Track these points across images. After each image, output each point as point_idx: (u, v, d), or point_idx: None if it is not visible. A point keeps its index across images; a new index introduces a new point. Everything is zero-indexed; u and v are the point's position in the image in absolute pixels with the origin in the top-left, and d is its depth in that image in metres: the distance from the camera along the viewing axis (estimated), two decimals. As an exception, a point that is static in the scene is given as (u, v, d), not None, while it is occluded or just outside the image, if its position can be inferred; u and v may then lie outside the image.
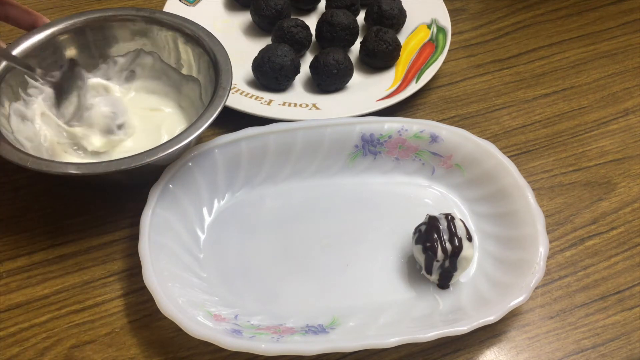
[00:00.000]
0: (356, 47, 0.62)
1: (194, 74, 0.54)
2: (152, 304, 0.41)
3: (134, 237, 0.45)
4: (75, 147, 0.50)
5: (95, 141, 0.50)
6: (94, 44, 0.54)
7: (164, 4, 0.64)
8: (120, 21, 0.53)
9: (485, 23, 0.69)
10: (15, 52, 0.49)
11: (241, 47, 0.62)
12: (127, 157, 0.43)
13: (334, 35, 0.60)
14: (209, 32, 0.52)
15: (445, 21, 0.64)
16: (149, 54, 0.54)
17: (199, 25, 0.53)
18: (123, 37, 0.54)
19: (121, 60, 0.55)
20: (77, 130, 0.50)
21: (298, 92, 0.59)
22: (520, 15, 0.70)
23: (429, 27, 0.64)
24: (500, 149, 0.50)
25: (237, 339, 0.39)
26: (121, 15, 0.53)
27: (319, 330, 0.42)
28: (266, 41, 0.62)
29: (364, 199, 0.51)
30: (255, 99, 0.57)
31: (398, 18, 0.62)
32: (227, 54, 0.51)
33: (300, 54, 0.61)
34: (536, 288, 0.44)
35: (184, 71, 0.54)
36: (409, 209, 0.50)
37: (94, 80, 0.53)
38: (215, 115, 0.46)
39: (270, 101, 0.57)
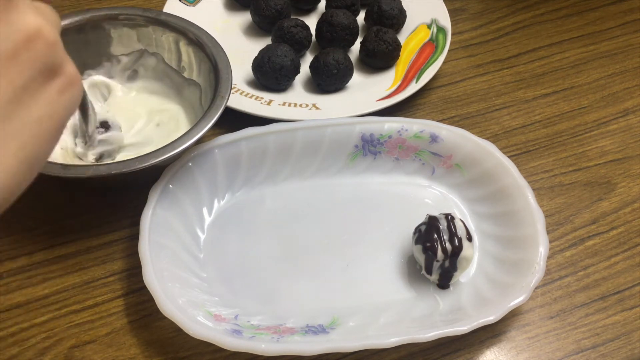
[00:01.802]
0: (356, 47, 0.62)
1: (194, 77, 0.54)
2: (152, 304, 0.41)
3: (134, 237, 0.45)
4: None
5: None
6: (99, 41, 0.53)
7: (164, 4, 0.64)
8: (126, 20, 0.53)
9: (485, 23, 0.69)
10: None
11: (241, 47, 0.62)
12: (130, 159, 0.44)
13: (334, 35, 0.60)
14: (212, 38, 0.52)
15: (445, 21, 0.64)
16: (153, 54, 0.54)
17: (203, 30, 0.53)
18: (128, 36, 0.54)
19: (124, 59, 0.55)
20: (78, 151, 0.50)
21: (298, 92, 0.59)
22: (520, 15, 0.70)
23: (429, 27, 0.64)
24: (500, 149, 0.50)
25: (237, 339, 0.39)
26: (127, 14, 0.53)
27: (319, 330, 0.42)
28: (266, 41, 0.62)
29: (364, 199, 0.51)
30: (255, 99, 0.57)
31: (398, 18, 0.62)
32: (228, 61, 0.51)
33: (300, 54, 0.61)
34: (536, 288, 0.44)
35: (186, 74, 0.54)
36: (409, 209, 0.50)
37: (96, 77, 0.53)
38: (215, 118, 0.46)
39: (270, 101, 0.57)
